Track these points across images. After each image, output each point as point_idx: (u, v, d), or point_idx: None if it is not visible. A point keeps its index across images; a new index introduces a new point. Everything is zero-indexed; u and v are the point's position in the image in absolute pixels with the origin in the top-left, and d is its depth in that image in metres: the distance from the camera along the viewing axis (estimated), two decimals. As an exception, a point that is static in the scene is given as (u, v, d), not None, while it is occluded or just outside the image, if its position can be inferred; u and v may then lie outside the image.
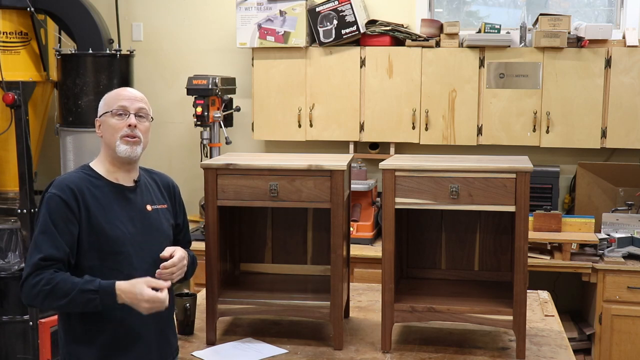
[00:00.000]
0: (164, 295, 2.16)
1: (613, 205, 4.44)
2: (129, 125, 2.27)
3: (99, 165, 2.33)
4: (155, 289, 2.16)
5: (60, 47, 4.63)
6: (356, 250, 4.19)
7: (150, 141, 2.43)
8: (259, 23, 4.65)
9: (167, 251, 2.28)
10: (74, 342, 2.26)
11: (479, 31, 4.51)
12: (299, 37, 4.61)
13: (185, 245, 2.53)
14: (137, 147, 2.29)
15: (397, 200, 2.57)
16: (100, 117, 2.33)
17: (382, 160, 2.68)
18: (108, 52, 4.48)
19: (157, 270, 2.24)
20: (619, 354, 4.12)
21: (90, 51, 4.42)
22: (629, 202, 4.36)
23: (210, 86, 4.48)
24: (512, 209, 2.50)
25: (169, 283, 2.21)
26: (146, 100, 2.36)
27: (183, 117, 5.15)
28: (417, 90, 4.57)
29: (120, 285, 2.14)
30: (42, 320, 3.84)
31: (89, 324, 2.23)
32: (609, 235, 4.25)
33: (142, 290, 2.13)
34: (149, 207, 2.34)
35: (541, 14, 4.41)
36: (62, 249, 2.16)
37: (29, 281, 2.14)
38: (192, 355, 2.60)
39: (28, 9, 4.40)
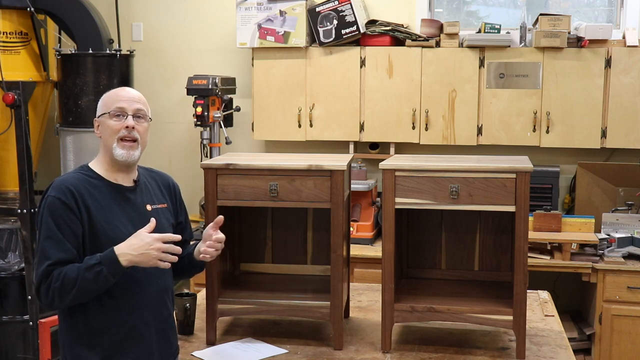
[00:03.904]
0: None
1: (613, 205, 4.44)
2: (127, 127, 2.27)
3: (97, 166, 2.32)
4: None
5: (60, 47, 4.63)
6: (356, 250, 4.19)
7: (150, 141, 2.43)
8: (259, 23, 4.65)
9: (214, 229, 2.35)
10: (75, 343, 2.25)
11: (479, 31, 4.51)
12: (299, 37, 4.61)
13: (189, 242, 2.53)
14: (135, 151, 2.29)
15: (397, 200, 2.57)
16: (98, 117, 2.32)
17: (382, 160, 2.68)
18: (108, 52, 4.48)
19: (208, 243, 2.30)
20: (619, 354, 4.12)
21: (90, 51, 4.42)
22: (629, 202, 4.36)
23: (210, 86, 4.49)
24: (512, 209, 2.50)
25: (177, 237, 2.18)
26: (145, 101, 2.35)
27: (183, 117, 5.15)
28: (417, 90, 4.57)
29: (119, 245, 2.13)
30: (42, 320, 3.83)
31: (90, 325, 2.23)
32: (609, 235, 4.25)
33: (143, 234, 2.12)
34: (148, 207, 2.34)
35: (541, 14, 4.41)
36: (69, 251, 2.16)
37: (42, 288, 2.15)
38: (192, 355, 2.60)
39: (28, 9, 4.40)
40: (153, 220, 2.16)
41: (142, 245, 2.11)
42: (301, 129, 4.72)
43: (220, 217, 2.37)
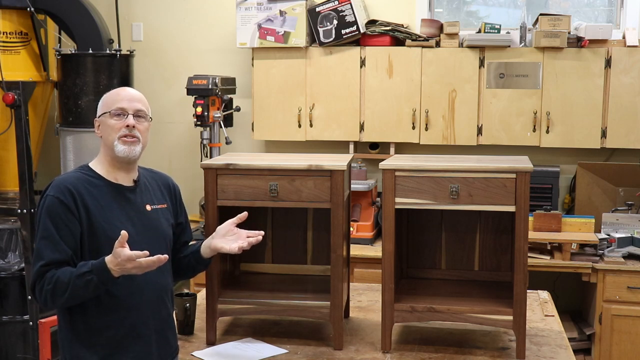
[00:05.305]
0: (142, 252, 2.07)
1: (613, 205, 4.44)
2: (127, 126, 2.27)
3: (98, 166, 2.33)
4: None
5: (60, 47, 4.63)
6: (356, 250, 4.19)
7: (150, 141, 2.43)
8: (259, 23, 4.65)
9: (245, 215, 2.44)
10: (74, 342, 2.25)
11: (479, 31, 4.51)
12: (299, 37, 4.61)
13: (188, 243, 2.53)
14: (136, 147, 2.29)
15: (397, 200, 2.57)
16: (99, 117, 2.33)
17: (382, 160, 2.68)
18: (108, 52, 4.48)
19: (251, 232, 2.41)
20: (619, 354, 4.12)
21: (90, 51, 4.42)
22: (629, 202, 4.36)
23: (210, 86, 4.49)
24: (512, 209, 2.50)
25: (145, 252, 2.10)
26: (145, 101, 2.36)
27: (183, 117, 5.15)
28: (417, 90, 4.57)
29: (107, 257, 2.10)
30: (42, 320, 3.84)
31: (89, 324, 2.23)
32: (609, 235, 4.25)
33: (119, 254, 2.05)
34: (148, 207, 2.34)
35: (541, 14, 4.41)
36: (63, 251, 2.16)
37: (36, 288, 2.17)
38: (192, 355, 2.60)
39: (28, 9, 4.40)
40: (124, 234, 2.06)
41: (118, 263, 2.08)
42: (301, 129, 4.72)
43: (245, 213, 2.44)
